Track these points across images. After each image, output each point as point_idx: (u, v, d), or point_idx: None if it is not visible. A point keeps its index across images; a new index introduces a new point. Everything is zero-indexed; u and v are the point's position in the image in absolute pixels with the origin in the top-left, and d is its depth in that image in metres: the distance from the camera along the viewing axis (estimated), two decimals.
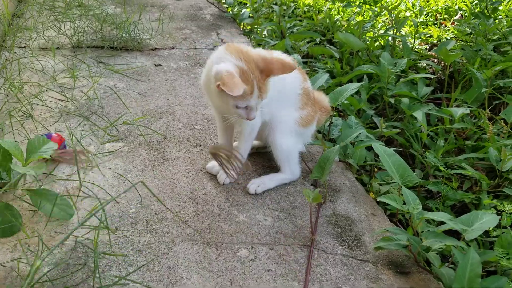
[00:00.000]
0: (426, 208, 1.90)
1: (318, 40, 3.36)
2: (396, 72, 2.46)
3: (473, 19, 3.26)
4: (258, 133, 1.79)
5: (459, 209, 1.92)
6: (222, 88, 1.43)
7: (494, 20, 3.17)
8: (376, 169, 2.06)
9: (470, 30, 3.23)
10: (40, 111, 2.13)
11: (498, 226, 1.61)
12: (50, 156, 1.56)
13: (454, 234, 1.68)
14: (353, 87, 2.01)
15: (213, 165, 1.85)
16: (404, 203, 1.51)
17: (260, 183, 1.79)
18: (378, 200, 1.70)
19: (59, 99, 2.23)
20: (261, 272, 1.45)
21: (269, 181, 1.82)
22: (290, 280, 1.43)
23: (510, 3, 3.69)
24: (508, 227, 1.62)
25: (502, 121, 2.17)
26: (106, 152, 1.91)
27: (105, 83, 2.42)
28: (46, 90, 2.28)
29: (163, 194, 1.73)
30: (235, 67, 1.49)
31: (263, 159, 1.97)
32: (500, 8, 3.63)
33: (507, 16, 3.50)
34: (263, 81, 1.54)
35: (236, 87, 1.41)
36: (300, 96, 1.79)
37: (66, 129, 2.00)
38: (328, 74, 2.34)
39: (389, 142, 2.34)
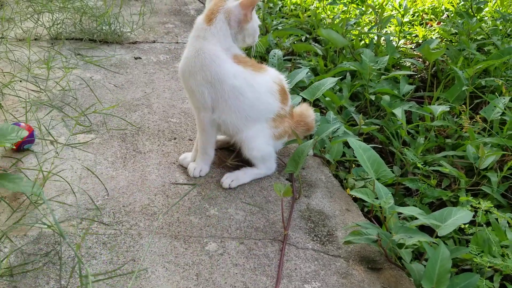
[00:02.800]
0: (404, 205, 1.87)
1: (303, 37, 3.33)
2: (378, 69, 2.44)
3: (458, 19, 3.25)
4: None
5: (438, 207, 1.89)
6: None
7: (479, 19, 3.16)
8: (354, 165, 2.03)
9: (455, 30, 3.22)
10: (11, 102, 2.07)
11: (474, 224, 1.59)
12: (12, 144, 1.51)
13: (430, 231, 1.65)
14: (330, 81, 1.98)
15: (184, 156, 1.81)
16: (377, 198, 1.47)
17: (234, 178, 1.75)
18: (350, 194, 1.67)
19: (32, 90, 2.18)
20: (229, 266, 1.41)
21: (243, 175, 1.78)
22: (258, 274, 1.39)
23: (496, 4, 3.68)
24: (484, 225, 1.59)
25: (480, 119, 2.14)
26: (76, 143, 1.86)
27: (82, 75, 2.37)
28: (20, 81, 2.23)
29: (133, 186, 1.68)
30: None
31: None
32: (486, 9, 3.62)
33: (492, 17, 3.49)
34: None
35: None
36: (274, 117, 1.75)
37: (35, 119, 1.94)
38: (308, 69, 2.30)
39: (370, 140, 2.31)
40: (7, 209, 1.50)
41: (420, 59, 3.07)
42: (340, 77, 2.69)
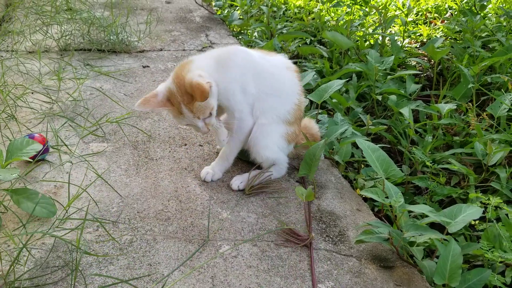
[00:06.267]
0: (414, 204, 1.89)
1: (308, 40, 3.35)
2: (383, 69, 2.46)
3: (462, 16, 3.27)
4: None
5: (448, 205, 1.90)
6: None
7: (483, 17, 3.17)
8: (363, 166, 2.05)
9: (459, 28, 3.23)
10: (25, 113, 2.12)
11: (485, 220, 1.60)
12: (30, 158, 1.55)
13: (441, 228, 1.66)
14: (337, 83, 2.00)
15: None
16: (388, 197, 1.49)
17: (243, 179, 1.77)
18: (361, 194, 1.69)
19: (44, 101, 2.22)
20: (243, 268, 1.43)
21: (252, 177, 1.80)
22: (272, 275, 1.42)
23: (499, 1, 3.69)
24: (494, 221, 1.60)
25: (486, 116, 2.15)
26: (90, 154, 1.90)
27: (92, 85, 2.41)
28: (32, 93, 2.28)
29: (146, 192, 1.72)
30: (166, 89, 1.60)
31: None
32: (490, 6, 3.63)
33: (496, 14, 3.50)
34: (191, 104, 1.57)
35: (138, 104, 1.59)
36: (295, 107, 1.78)
37: (50, 130, 1.98)
38: (314, 72, 2.33)
39: (378, 140, 2.33)
40: (25, 217, 1.54)
41: (426, 58, 3.08)
42: (346, 79, 2.72)
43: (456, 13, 3.68)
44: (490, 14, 3.55)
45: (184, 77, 1.55)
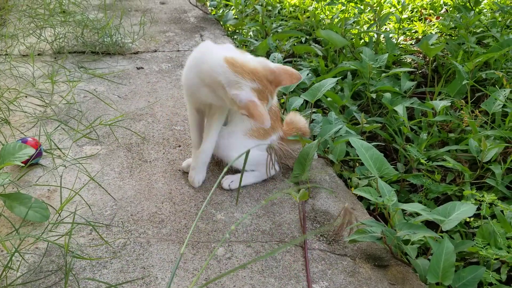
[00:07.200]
0: (410, 202, 1.88)
1: (303, 39, 3.34)
2: (378, 67, 2.45)
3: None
4: None
5: (443, 202, 1.90)
6: (252, 119, 1.46)
7: (477, 12, 3.16)
8: (357, 164, 2.05)
9: (454, 24, 3.22)
10: (18, 117, 2.11)
11: (479, 217, 1.60)
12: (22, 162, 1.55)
13: (436, 226, 1.66)
14: (330, 82, 1.99)
15: (187, 164, 1.83)
16: (381, 196, 1.49)
17: (234, 179, 1.77)
18: (354, 193, 1.68)
19: (37, 105, 2.21)
20: (237, 270, 1.43)
21: (244, 175, 1.80)
22: (266, 276, 1.41)
23: None
24: (489, 218, 1.60)
25: (478, 112, 2.15)
26: (83, 157, 1.89)
27: (85, 88, 2.41)
28: (26, 96, 2.27)
29: (140, 195, 1.71)
30: (253, 91, 1.49)
31: None
32: (485, 1, 3.63)
33: (491, 9, 3.50)
34: (273, 91, 1.57)
35: (265, 118, 1.45)
36: None
37: (43, 134, 1.98)
38: (308, 71, 2.32)
39: (373, 138, 2.32)
40: (18, 222, 1.54)
41: (421, 55, 3.08)
42: (342, 77, 2.71)
43: (451, 9, 3.67)
44: (486, 10, 3.54)
45: (261, 70, 1.53)
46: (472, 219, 1.60)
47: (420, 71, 2.88)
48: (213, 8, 4.02)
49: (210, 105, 1.70)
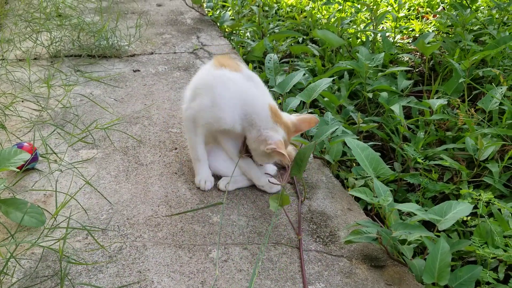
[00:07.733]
0: (407, 201, 1.88)
1: (300, 39, 3.34)
2: (374, 66, 2.45)
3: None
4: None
5: (441, 201, 1.89)
6: (278, 151, 1.58)
7: (474, 10, 3.16)
8: (354, 164, 2.04)
9: (451, 22, 3.22)
10: (14, 122, 2.11)
11: (476, 215, 1.59)
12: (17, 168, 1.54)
13: (433, 225, 1.65)
14: (325, 82, 1.99)
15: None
16: (377, 196, 1.48)
17: (231, 181, 1.77)
18: (350, 194, 1.68)
19: (34, 109, 2.21)
20: (233, 273, 1.42)
21: (241, 178, 1.79)
22: (263, 279, 1.41)
23: None
24: (486, 216, 1.59)
25: (474, 111, 2.14)
26: (79, 161, 1.89)
27: (82, 91, 2.40)
28: (22, 101, 2.27)
29: (136, 198, 1.71)
30: (282, 138, 1.64)
31: None
32: None
33: (488, 7, 3.49)
34: (291, 139, 1.76)
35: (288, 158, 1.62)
36: None
37: (39, 138, 1.97)
38: (304, 71, 2.32)
39: (370, 137, 2.31)
40: (14, 227, 1.53)
41: (418, 53, 3.07)
42: (338, 76, 2.70)
43: (448, 7, 3.66)
44: (482, 7, 3.53)
45: (287, 121, 1.70)
46: (469, 218, 1.59)
47: (417, 70, 2.87)
48: (209, 10, 4.02)
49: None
